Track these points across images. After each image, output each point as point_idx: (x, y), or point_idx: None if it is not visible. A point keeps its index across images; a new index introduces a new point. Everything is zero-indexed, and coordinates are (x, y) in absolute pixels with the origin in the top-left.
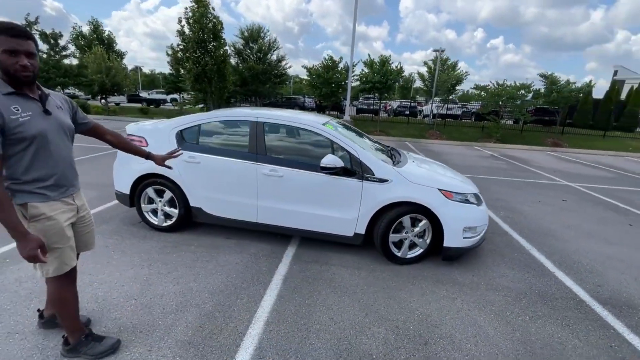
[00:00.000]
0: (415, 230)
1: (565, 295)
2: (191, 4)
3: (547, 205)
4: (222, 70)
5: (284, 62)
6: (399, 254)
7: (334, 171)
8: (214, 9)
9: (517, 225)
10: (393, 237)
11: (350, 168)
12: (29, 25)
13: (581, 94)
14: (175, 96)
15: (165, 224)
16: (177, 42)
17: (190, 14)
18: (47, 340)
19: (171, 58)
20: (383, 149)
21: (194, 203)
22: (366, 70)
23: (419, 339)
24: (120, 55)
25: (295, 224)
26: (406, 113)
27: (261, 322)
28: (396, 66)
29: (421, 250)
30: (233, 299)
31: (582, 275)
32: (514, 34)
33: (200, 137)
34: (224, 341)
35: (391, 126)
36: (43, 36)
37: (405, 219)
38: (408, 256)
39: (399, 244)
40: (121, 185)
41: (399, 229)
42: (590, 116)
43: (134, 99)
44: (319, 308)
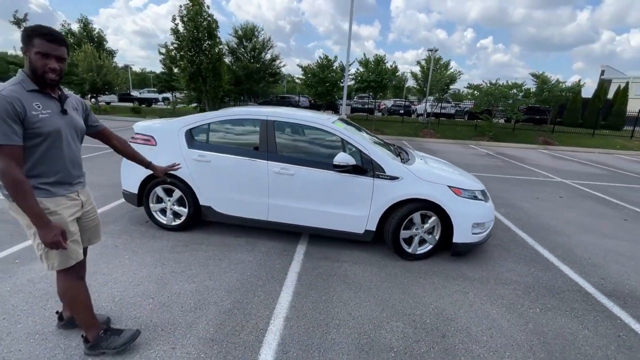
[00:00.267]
0: (425, 226)
1: (571, 288)
2: (186, 2)
3: (545, 202)
4: (217, 69)
5: (277, 61)
6: (410, 250)
7: (346, 169)
8: (208, 7)
9: (519, 221)
10: (404, 234)
11: (361, 166)
12: (17, 23)
13: (571, 94)
14: (167, 95)
15: (174, 223)
16: (171, 41)
17: (184, 12)
18: (69, 339)
19: (165, 56)
20: (390, 148)
21: (203, 202)
22: (361, 70)
23: (436, 332)
24: (111, 53)
25: (307, 221)
26: (401, 112)
27: (281, 319)
28: (391, 65)
29: (430, 246)
30: (250, 296)
31: (586, 269)
32: (503, 34)
33: (210, 136)
34: (246, 337)
35: (386, 125)
36: None
37: (415, 216)
38: (418, 252)
39: (409, 240)
40: (129, 185)
41: (409, 225)
42: (580, 115)
43: (125, 98)
44: (335, 304)
